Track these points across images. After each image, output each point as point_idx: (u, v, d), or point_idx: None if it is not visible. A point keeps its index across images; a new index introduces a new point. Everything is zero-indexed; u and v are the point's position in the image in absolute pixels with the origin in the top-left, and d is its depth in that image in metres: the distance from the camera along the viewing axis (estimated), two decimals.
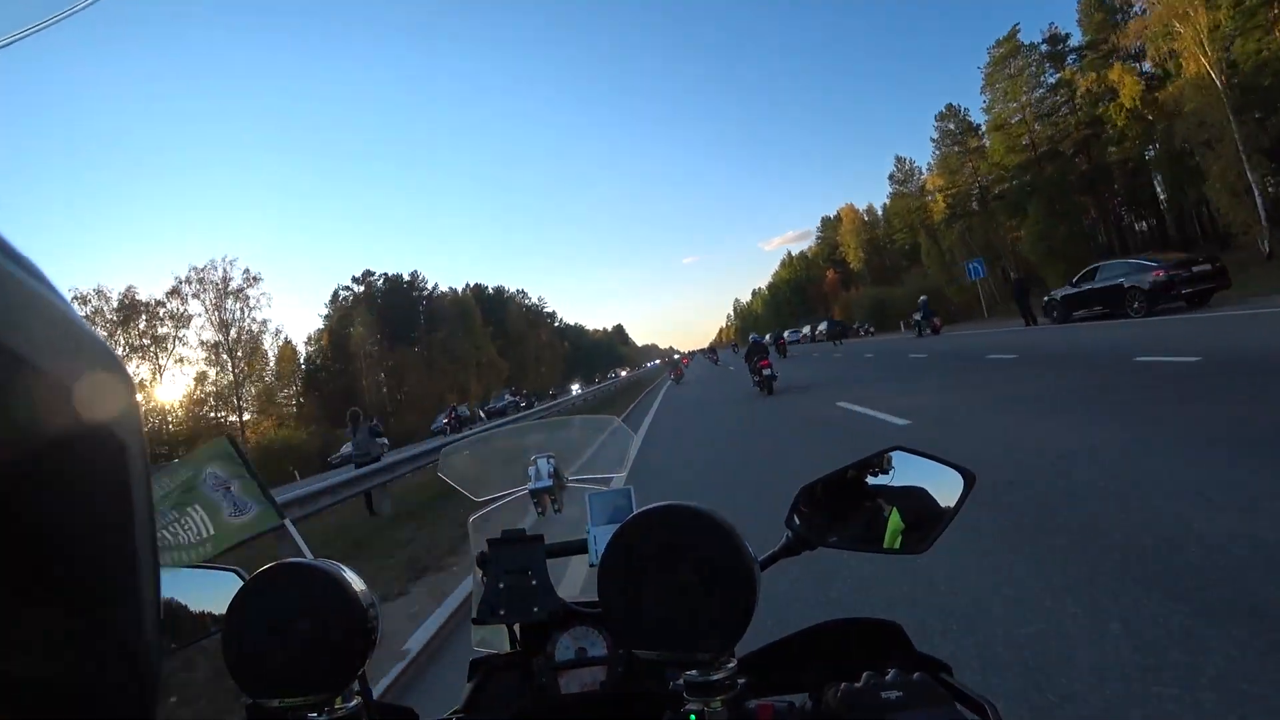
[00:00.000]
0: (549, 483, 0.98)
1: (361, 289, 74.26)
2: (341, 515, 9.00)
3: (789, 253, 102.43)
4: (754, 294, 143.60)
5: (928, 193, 54.13)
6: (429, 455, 10.50)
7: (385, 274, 77.37)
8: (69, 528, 0.18)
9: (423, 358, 72.79)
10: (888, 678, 0.61)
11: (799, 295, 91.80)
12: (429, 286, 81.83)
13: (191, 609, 0.84)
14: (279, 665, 0.64)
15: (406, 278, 79.42)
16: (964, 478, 0.72)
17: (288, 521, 4.64)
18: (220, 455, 4.36)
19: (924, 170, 56.26)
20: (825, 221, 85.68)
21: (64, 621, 0.18)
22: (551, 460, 1.00)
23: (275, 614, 0.65)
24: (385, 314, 73.10)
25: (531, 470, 1.00)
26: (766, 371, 15.56)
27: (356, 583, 0.68)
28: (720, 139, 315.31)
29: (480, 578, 0.88)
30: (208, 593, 0.84)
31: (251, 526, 4.31)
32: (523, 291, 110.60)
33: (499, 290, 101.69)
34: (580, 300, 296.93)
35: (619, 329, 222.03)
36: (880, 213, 70.05)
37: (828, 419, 9.47)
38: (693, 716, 0.61)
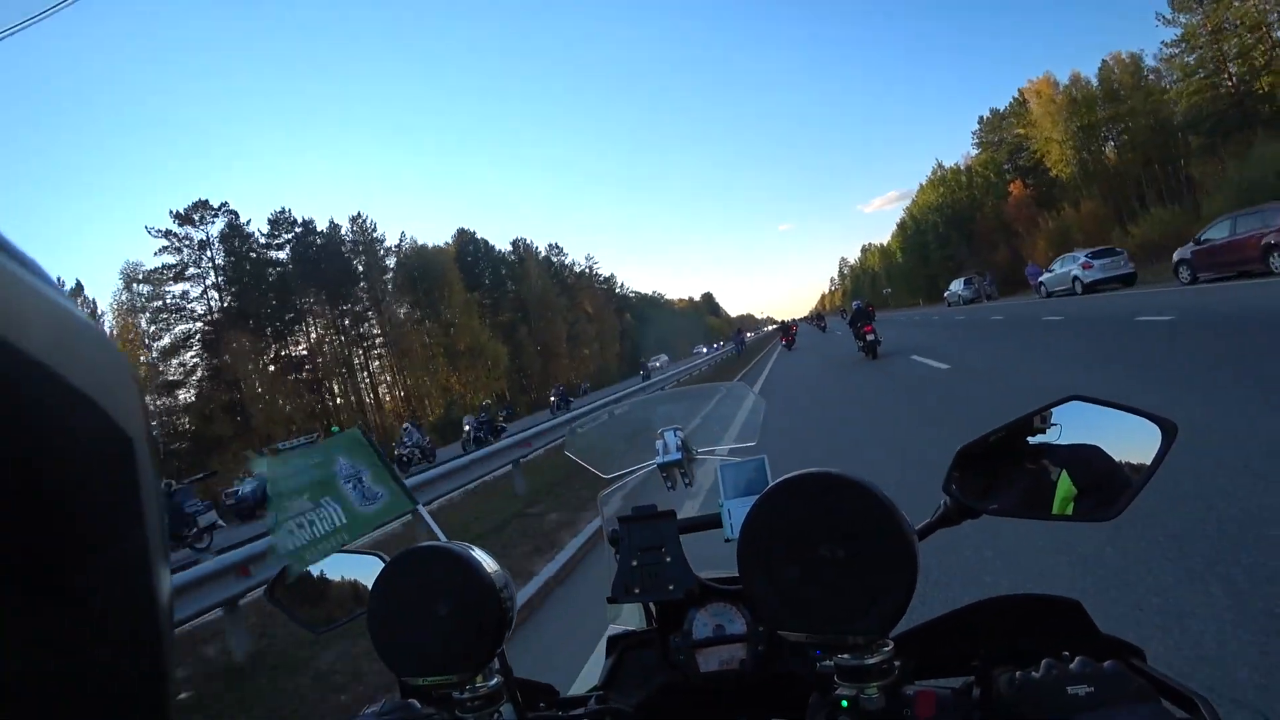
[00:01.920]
0: (678, 456, 0.96)
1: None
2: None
3: (938, 164, 67.44)
4: (864, 249, 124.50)
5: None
6: None
7: (301, 220, 55.02)
8: (77, 524, 0.18)
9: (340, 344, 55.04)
10: (1072, 666, 0.53)
11: (958, 227, 60.57)
12: (379, 236, 59.29)
13: (338, 592, 0.89)
14: (421, 645, 0.65)
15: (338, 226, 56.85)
16: (1161, 429, 0.61)
17: (420, 506, 4.91)
18: (352, 445, 4.64)
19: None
20: (993, 118, 56.92)
21: (75, 618, 0.18)
22: (679, 432, 0.98)
23: (415, 596, 0.66)
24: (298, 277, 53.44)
25: (659, 444, 0.97)
26: (870, 337, 15.78)
27: (490, 563, 0.69)
28: (815, 100, 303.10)
29: (614, 555, 0.87)
30: (352, 576, 0.88)
31: (384, 514, 4.58)
32: (556, 246, 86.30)
33: (519, 244, 76.52)
34: (672, 273, 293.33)
35: (708, 297, 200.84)
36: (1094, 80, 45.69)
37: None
38: (845, 702, 0.57)
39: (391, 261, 60.39)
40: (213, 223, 50.27)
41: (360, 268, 58.08)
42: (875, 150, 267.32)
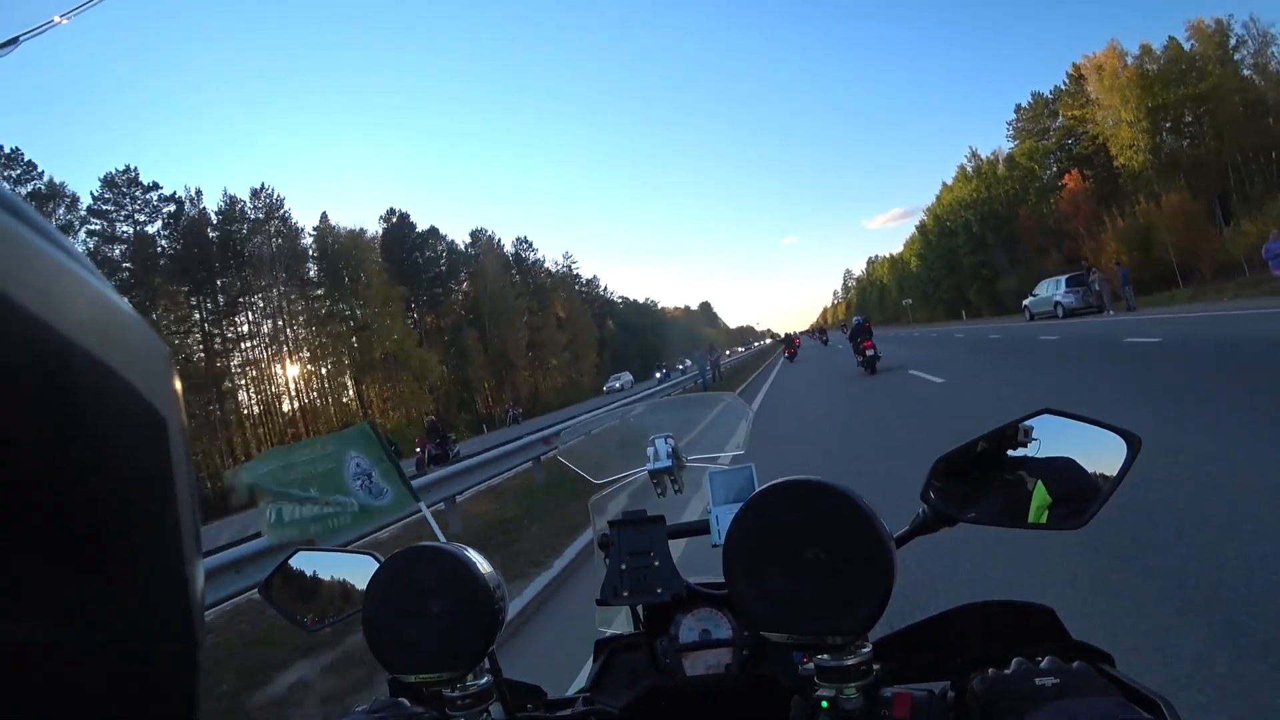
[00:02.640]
0: (668, 463, 0.97)
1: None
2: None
3: (971, 150, 55.24)
4: (870, 261, 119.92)
5: None
6: None
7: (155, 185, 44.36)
8: (113, 504, 0.19)
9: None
10: (1042, 665, 0.55)
11: (995, 228, 49.41)
12: (285, 214, 48.82)
13: (332, 590, 0.91)
14: (414, 644, 0.67)
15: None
16: (1127, 442, 0.63)
17: (423, 505, 4.92)
18: (362, 440, 4.66)
19: None
20: (1036, 103, 46.87)
21: (107, 596, 0.18)
22: (670, 440, 0.99)
23: (409, 595, 0.68)
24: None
25: (650, 451, 0.99)
26: (870, 352, 16.20)
27: (484, 565, 0.70)
28: (822, 114, 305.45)
29: (603, 559, 0.88)
30: (347, 575, 0.90)
31: (388, 511, 4.61)
32: (526, 241, 75.64)
33: (479, 235, 66.42)
34: (674, 281, 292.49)
35: (705, 307, 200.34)
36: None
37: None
38: (825, 703, 0.59)
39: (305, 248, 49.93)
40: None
41: (255, 251, 47.51)
42: (881, 167, 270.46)
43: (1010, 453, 0.68)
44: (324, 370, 50.79)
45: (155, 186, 45.03)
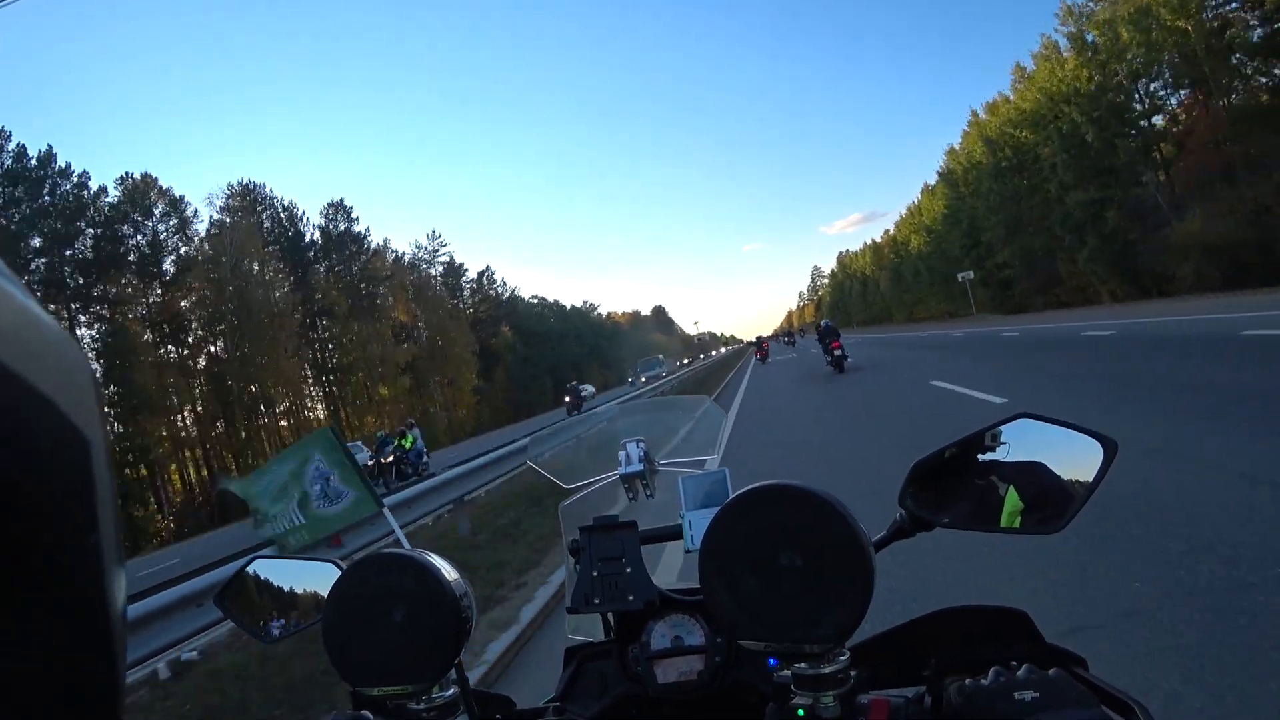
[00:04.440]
0: (640, 467, 0.97)
1: None
2: None
3: (1047, 39, 33.92)
4: (841, 256, 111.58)
5: None
6: None
7: None
8: (29, 527, 0.18)
9: None
10: (1019, 674, 0.55)
11: (1078, 151, 30.92)
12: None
13: (291, 599, 0.87)
14: (376, 655, 0.65)
15: None
16: (1103, 446, 0.64)
17: (385, 510, 4.85)
18: (323, 445, 4.59)
19: None
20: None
21: (25, 621, 0.18)
22: (642, 444, 0.98)
23: (371, 604, 0.66)
24: None
25: (621, 455, 0.98)
26: (838, 352, 17.11)
27: (450, 572, 0.68)
28: (777, 125, 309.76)
29: (574, 565, 0.87)
30: (307, 583, 0.86)
31: (348, 515, 4.53)
32: (342, 207, 52.83)
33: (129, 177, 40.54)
34: (637, 293, 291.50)
35: (659, 311, 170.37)
36: None
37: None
38: (801, 711, 0.58)
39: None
40: None
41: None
42: (838, 174, 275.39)
43: (984, 457, 0.68)
44: None
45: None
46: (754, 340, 41.01)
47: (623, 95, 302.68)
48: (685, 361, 57.19)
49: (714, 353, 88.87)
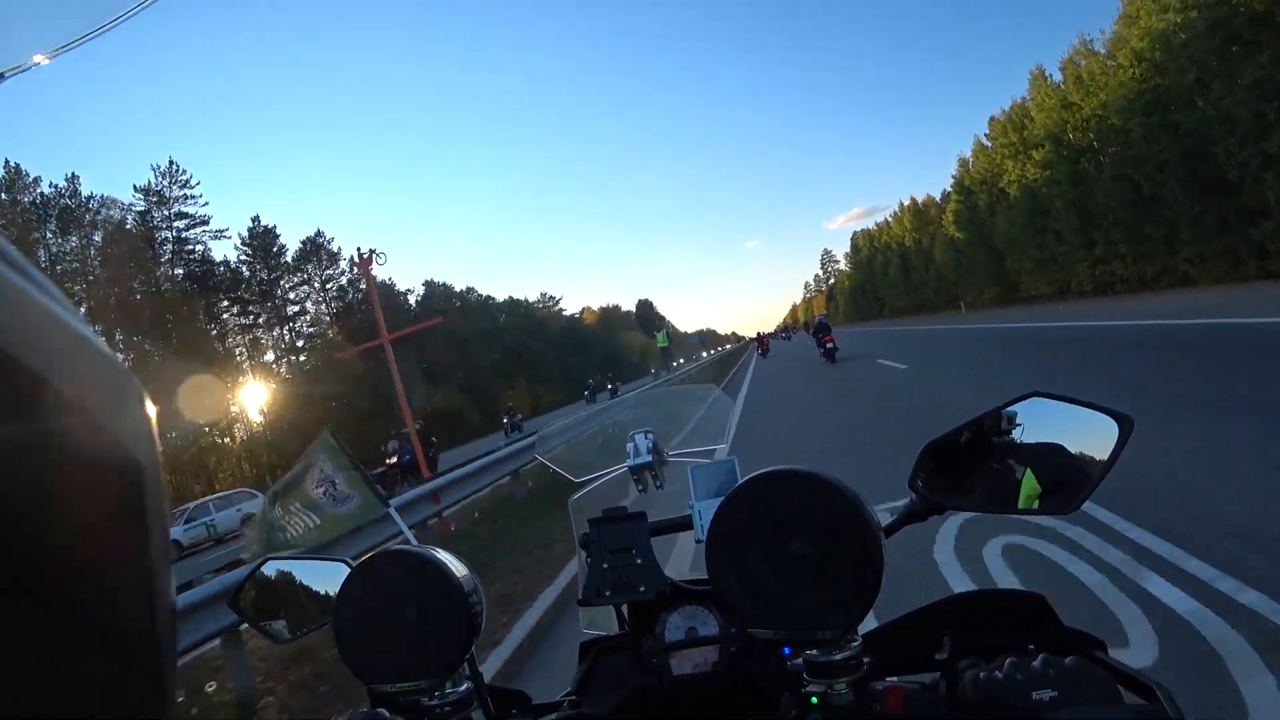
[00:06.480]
0: (649, 458, 0.96)
1: None
2: None
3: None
4: (855, 234, 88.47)
5: None
6: None
7: None
8: (83, 548, 0.18)
9: None
10: (1035, 663, 0.54)
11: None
12: None
13: (303, 599, 0.87)
14: (388, 652, 0.64)
15: None
16: (1118, 423, 0.62)
17: (391, 509, 4.84)
18: (325, 449, 4.59)
19: None
20: None
21: (80, 639, 0.18)
22: (650, 435, 0.98)
23: (381, 602, 0.66)
24: None
25: (630, 447, 0.97)
26: (829, 345, 19.30)
27: (458, 568, 0.68)
28: (780, 120, 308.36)
29: (584, 559, 0.86)
30: (318, 583, 0.86)
31: (355, 517, 4.53)
32: (172, 168, 43.99)
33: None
34: (632, 288, 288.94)
35: (645, 306, 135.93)
36: None
37: None
38: (815, 699, 0.57)
39: None
40: None
41: None
42: (838, 169, 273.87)
43: (999, 438, 0.67)
44: None
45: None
46: (755, 336, 47.23)
47: (623, 95, 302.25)
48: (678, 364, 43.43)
49: (705, 354, 64.90)
